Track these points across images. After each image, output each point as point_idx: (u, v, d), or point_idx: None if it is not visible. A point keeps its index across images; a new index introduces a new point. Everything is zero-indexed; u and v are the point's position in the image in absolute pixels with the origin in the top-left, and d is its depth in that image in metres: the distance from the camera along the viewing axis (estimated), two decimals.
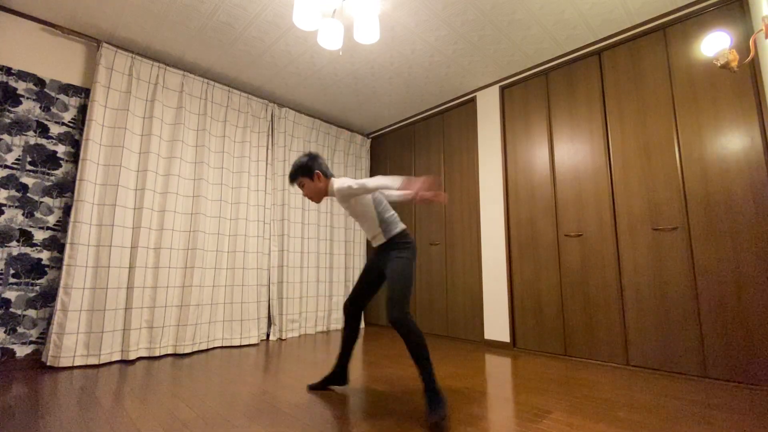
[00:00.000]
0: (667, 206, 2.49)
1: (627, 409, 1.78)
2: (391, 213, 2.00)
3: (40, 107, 2.70)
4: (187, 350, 2.93)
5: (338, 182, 1.90)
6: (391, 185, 1.76)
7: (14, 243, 2.53)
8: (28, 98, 2.66)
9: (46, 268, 2.63)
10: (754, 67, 2.25)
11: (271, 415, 1.68)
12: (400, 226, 1.98)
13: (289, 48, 3.04)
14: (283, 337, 3.59)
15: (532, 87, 3.30)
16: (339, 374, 2.06)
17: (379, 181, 1.76)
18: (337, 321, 4.19)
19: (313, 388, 2.07)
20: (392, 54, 3.11)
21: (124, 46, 3.03)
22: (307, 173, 1.98)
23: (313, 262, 4.03)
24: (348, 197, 1.89)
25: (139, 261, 2.81)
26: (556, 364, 2.66)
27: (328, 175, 2.02)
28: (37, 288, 2.58)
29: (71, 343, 2.48)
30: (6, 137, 2.55)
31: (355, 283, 1.92)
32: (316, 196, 2.02)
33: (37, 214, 2.63)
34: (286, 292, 3.70)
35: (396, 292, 1.76)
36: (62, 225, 2.73)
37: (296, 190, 3.97)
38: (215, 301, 3.22)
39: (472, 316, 3.48)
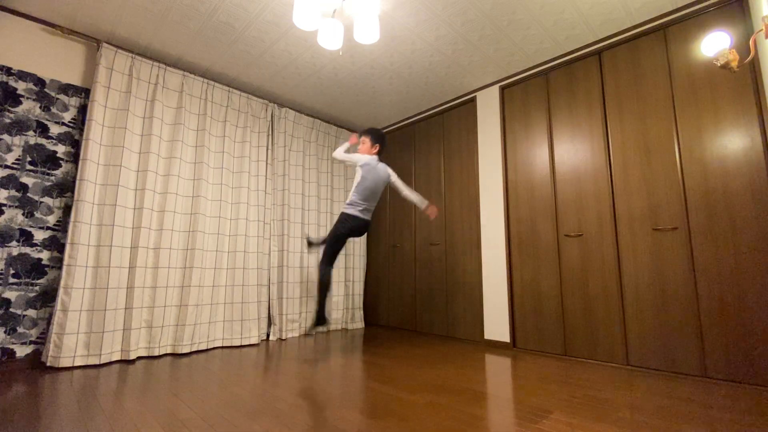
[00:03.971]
0: (667, 206, 2.49)
1: (627, 409, 1.78)
2: (352, 197, 2.86)
3: (40, 107, 2.70)
4: (186, 350, 2.93)
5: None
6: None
7: (14, 243, 2.53)
8: (28, 98, 2.66)
9: (46, 268, 2.64)
10: (754, 67, 2.25)
11: (271, 415, 1.68)
12: (347, 210, 2.87)
13: (289, 48, 3.04)
14: (283, 337, 3.59)
15: (532, 87, 3.30)
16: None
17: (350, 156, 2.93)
18: (337, 321, 4.19)
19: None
20: (392, 54, 3.11)
21: (124, 46, 3.03)
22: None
23: (313, 262, 4.03)
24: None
25: (139, 261, 2.81)
26: (556, 364, 2.66)
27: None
28: (37, 288, 2.58)
29: (71, 343, 2.48)
30: (6, 137, 2.55)
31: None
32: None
33: (37, 214, 2.63)
34: (286, 292, 3.70)
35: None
36: (62, 225, 2.73)
37: (296, 190, 3.98)
38: (215, 301, 3.22)
39: (472, 316, 3.48)
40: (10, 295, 2.48)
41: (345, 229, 2.79)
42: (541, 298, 3.02)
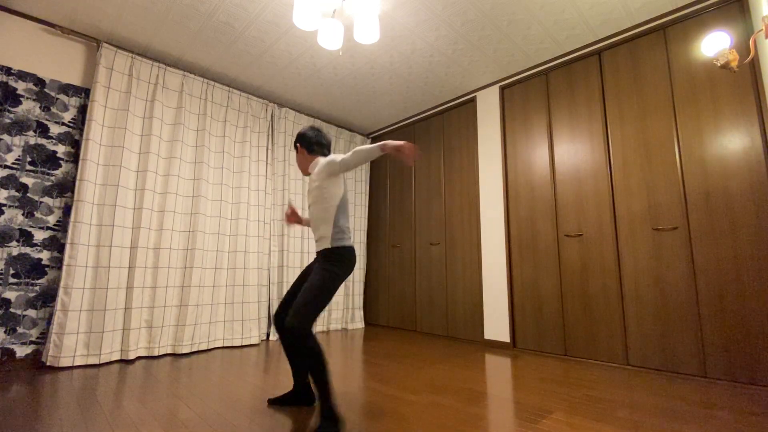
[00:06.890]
0: (667, 206, 2.49)
1: (627, 409, 1.78)
2: (348, 225, 1.82)
3: (40, 107, 2.70)
4: (187, 350, 2.93)
5: (328, 157, 1.78)
6: (371, 151, 1.58)
7: (14, 243, 2.52)
8: (28, 98, 2.66)
9: (46, 268, 2.63)
10: (754, 67, 2.25)
11: (271, 415, 1.68)
12: (348, 243, 1.78)
13: (289, 48, 3.04)
14: None
15: (532, 87, 3.30)
16: (301, 393, 1.82)
17: (357, 155, 1.62)
18: (337, 321, 4.19)
19: (273, 402, 1.82)
20: (392, 54, 3.11)
21: (124, 46, 3.03)
22: (296, 144, 1.97)
23: (310, 260, 4.03)
24: (328, 173, 1.74)
25: (138, 261, 2.81)
26: (556, 364, 2.66)
27: (311, 151, 1.91)
28: (37, 288, 2.58)
29: (71, 343, 2.48)
30: (6, 137, 2.55)
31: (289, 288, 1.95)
32: (301, 168, 1.96)
33: (37, 214, 2.63)
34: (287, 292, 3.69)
35: (306, 301, 1.60)
36: (62, 225, 2.73)
37: (296, 190, 3.97)
38: (216, 301, 3.22)
39: (472, 316, 3.48)
40: (10, 295, 2.48)
41: (347, 271, 1.75)
42: (541, 298, 3.02)
